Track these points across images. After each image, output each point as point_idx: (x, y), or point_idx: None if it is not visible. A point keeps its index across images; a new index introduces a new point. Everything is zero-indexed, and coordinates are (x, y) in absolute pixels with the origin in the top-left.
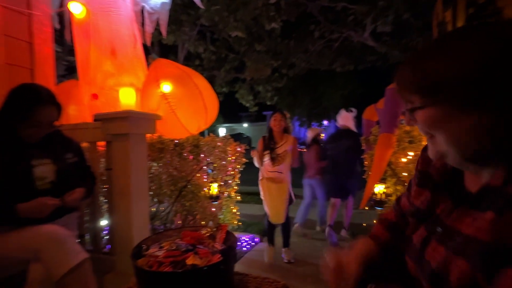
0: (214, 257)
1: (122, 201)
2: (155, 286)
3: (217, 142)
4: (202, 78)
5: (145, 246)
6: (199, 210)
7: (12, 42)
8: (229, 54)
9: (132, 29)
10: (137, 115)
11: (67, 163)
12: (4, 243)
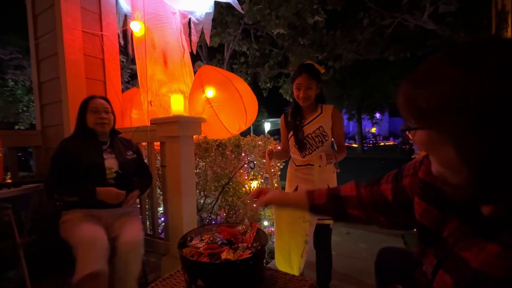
0: (245, 253)
1: (174, 194)
2: (194, 272)
3: (257, 141)
4: (242, 81)
5: (189, 237)
6: (241, 206)
7: (89, 60)
8: (272, 50)
9: (181, 40)
10: (186, 119)
11: (127, 158)
12: (68, 231)
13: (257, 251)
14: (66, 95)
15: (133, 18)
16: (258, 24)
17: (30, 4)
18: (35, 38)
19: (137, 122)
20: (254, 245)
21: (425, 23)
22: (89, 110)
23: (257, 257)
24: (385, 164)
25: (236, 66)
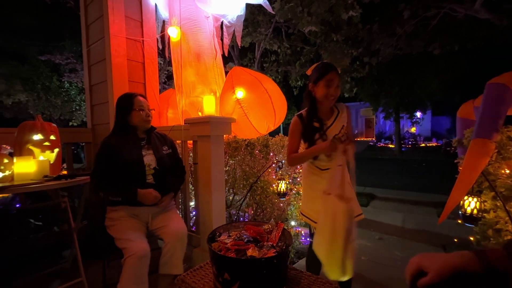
0: (270, 251)
1: (204, 190)
2: (222, 266)
3: (285, 141)
4: (271, 82)
5: (218, 233)
6: (268, 205)
7: (132, 64)
8: (304, 47)
9: (213, 43)
10: (216, 120)
11: (163, 154)
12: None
13: (281, 251)
14: (112, 96)
15: (170, 24)
16: (289, 22)
17: (84, 15)
18: (87, 45)
19: (173, 121)
20: (279, 245)
21: (477, 12)
22: (135, 108)
23: (282, 256)
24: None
25: (267, 64)
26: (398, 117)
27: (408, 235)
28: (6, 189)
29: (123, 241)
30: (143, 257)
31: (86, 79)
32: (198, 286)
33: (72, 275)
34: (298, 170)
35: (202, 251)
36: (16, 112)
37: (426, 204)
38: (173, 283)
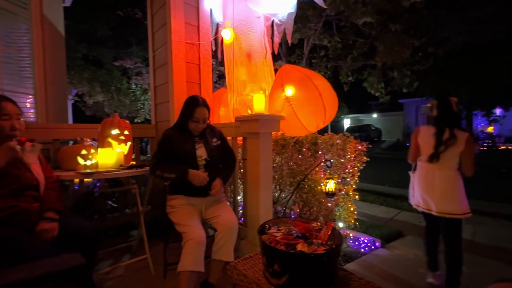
0: (319, 248)
1: (253, 185)
2: (272, 258)
3: (335, 140)
4: (322, 79)
5: (267, 226)
6: (315, 204)
7: (189, 66)
8: (357, 40)
9: (264, 42)
10: (266, 117)
11: (213, 145)
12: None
13: (331, 249)
14: (172, 96)
15: (224, 26)
16: (341, 15)
17: (150, 24)
18: (153, 51)
19: (224, 119)
20: (328, 243)
21: None
22: (193, 120)
23: (331, 255)
24: (505, 173)
25: (316, 60)
26: (471, 114)
27: (478, 249)
28: (93, 174)
29: (182, 226)
30: (201, 242)
31: (151, 81)
32: (249, 273)
33: (138, 252)
34: (348, 170)
35: (249, 243)
36: (95, 111)
37: (502, 216)
38: (224, 268)
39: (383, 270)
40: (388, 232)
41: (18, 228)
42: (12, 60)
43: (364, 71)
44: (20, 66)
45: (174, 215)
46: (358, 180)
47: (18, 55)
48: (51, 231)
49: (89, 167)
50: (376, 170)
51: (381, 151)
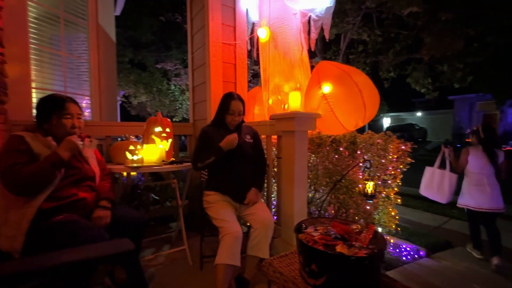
0: (361, 251)
1: (287, 184)
2: (310, 257)
3: (376, 139)
4: (362, 75)
5: (304, 225)
6: (352, 206)
7: (225, 65)
8: (400, 33)
9: (300, 39)
10: (302, 115)
11: (245, 141)
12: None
13: (373, 253)
14: (209, 96)
15: (259, 25)
16: (383, 6)
17: (190, 27)
18: (192, 53)
19: (259, 117)
20: (369, 247)
21: None
22: (229, 112)
23: (374, 259)
24: None
25: (353, 56)
26: None
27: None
28: (140, 168)
29: (219, 220)
30: (238, 237)
31: (190, 81)
32: (285, 271)
33: (176, 243)
34: (389, 171)
35: (282, 242)
36: (139, 110)
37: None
38: (258, 264)
39: (427, 281)
40: (434, 241)
41: (78, 214)
42: (73, 66)
43: (408, 65)
44: (80, 71)
45: (211, 210)
46: (401, 183)
47: (78, 61)
48: (105, 218)
49: (135, 162)
50: (420, 173)
51: (426, 153)
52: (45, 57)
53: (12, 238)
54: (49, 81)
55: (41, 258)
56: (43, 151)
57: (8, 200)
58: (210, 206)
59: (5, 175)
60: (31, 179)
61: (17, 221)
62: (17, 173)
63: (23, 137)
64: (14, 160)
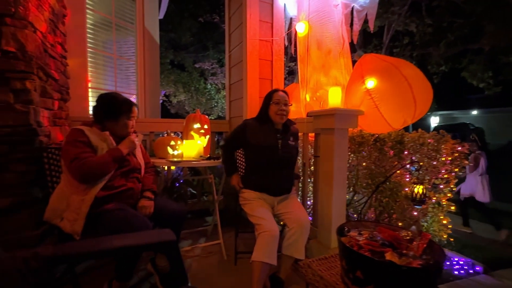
0: (414, 262)
1: (325, 184)
2: (355, 263)
3: (426, 139)
4: (412, 68)
5: (346, 228)
6: (397, 210)
7: (263, 63)
8: (454, 21)
9: (341, 32)
10: (342, 112)
11: (288, 143)
12: (249, 209)
13: (429, 265)
14: (246, 93)
15: (298, 20)
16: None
17: (227, 26)
18: (229, 51)
19: (295, 114)
20: (423, 258)
21: None
22: (273, 102)
23: (431, 272)
24: None
25: (398, 49)
26: None
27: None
28: (180, 162)
29: (256, 218)
30: (274, 236)
31: (227, 79)
32: (325, 275)
33: (212, 236)
34: (441, 175)
35: (318, 243)
36: (178, 109)
37: None
38: (294, 265)
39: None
40: (494, 256)
41: (125, 203)
42: (123, 67)
43: (463, 57)
44: (128, 72)
45: (248, 207)
46: (455, 188)
47: (128, 63)
48: (149, 208)
49: (176, 156)
50: None
51: None
52: (99, 60)
53: (73, 221)
54: (103, 81)
55: (95, 241)
56: (100, 144)
57: (71, 187)
58: (247, 202)
59: (73, 163)
60: (95, 169)
61: (77, 206)
62: (84, 162)
63: (83, 130)
64: (81, 150)
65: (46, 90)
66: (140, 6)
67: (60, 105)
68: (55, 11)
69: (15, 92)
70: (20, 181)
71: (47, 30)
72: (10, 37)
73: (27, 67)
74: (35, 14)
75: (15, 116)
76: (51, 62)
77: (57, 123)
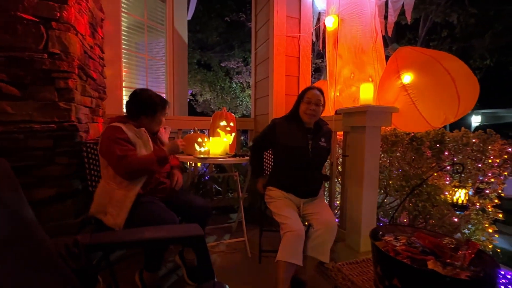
0: (462, 273)
1: (354, 185)
2: (392, 270)
3: (471, 139)
4: (455, 60)
5: (381, 232)
6: (435, 216)
7: (289, 59)
8: (503, 9)
9: (374, 25)
10: (375, 109)
11: (319, 145)
12: (274, 208)
13: (480, 278)
14: (272, 90)
15: (327, 14)
16: None
17: (254, 23)
18: (255, 49)
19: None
20: (471, 269)
21: None
22: (304, 100)
23: (481, 285)
24: None
25: (435, 43)
26: None
27: None
28: (206, 160)
29: (281, 216)
30: (300, 236)
31: (252, 77)
32: (357, 281)
33: (236, 234)
34: (487, 179)
35: (346, 247)
36: (203, 108)
37: None
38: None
39: None
40: None
41: (157, 197)
42: (154, 67)
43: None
44: (159, 72)
45: (273, 205)
46: (504, 195)
47: (159, 63)
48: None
49: (203, 153)
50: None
51: None
52: (132, 60)
53: (116, 216)
54: (135, 81)
55: (129, 232)
56: (137, 141)
57: (113, 183)
58: (273, 201)
59: (120, 161)
60: (141, 168)
61: (120, 201)
62: (131, 160)
63: (121, 127)
64: (125, 147)
65: (86, 89)
66: (170, 8)
67: (97, 103)
68: (94, 15)
69: (59, 91)
70: (64, 173)
71: (87, 32)
72: (56, 40)
73: (70, 67)
74: (76, 17)
75: (59, 113)
76: (90, 63)
77: (95, 120)
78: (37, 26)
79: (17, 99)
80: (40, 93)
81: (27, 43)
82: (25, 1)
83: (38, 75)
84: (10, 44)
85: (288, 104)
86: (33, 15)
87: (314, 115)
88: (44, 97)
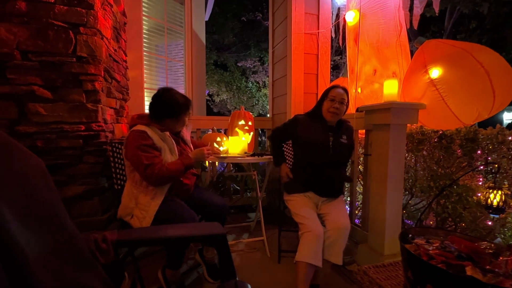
0: (506, 281)
1: (377, 185)
2: (425, 275)
3: (507, 136)
4: (489, 52)
5: (410, 234)
6: (466, 218)
7: (308, 57)
8: None
9: (397, 18)
10: (400, 106)
11: (340, 141)
12: (293, 208)
13: None
14: (290, 89)
15: (347, 9)
16: None
17: (271, 22)
18: (272, 47)
19: None
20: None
21: None
22: (328, 98)
23: None
24: None
25: (462, 35)
26: None
27: None
28: (225, 158)
29: (300, 216)
30: (319, 236)
31: (270, 76)
32: (384, 284)
33: (254, 233)
34: None
35: (368, 249)
36: (220, 108)
37: None
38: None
39: None
40: None
41: (180, 197)
42: (173, 69)
43: None
44: (179, 73)
45: (292, 204)
46: None
47: (178, 64)
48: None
49: (221, 152)
50: None
51: None
52: (153, 62)
53: (142, 219)
54: (156, 82)
55: (152, 229)
56: (161, 144)
57: (139, 187)
58: (291, 200)
59: (148, 170)
60: (169, 176)
61: (146, 205)
62: (159, 171)
63: (146, 132)
64: (151, 154)
65: (111, 90)
66: (189, 10)
67: (121, 104)
68: (118, 19)
69: (86, 93)
70: (91, 171)
71: (112, 36)
72: (83, 44)
73: (96, 70)
74: (102, 22)
75: (87, 114)
76: (115, 66)
77: (119, 120)
78: (66, 31)
79: (49, 101)
80: (70, 95)
81: (58, 48)
82: (56, 8)
83: (68, 78)
84: (42, 49)
85: (306, 102)
86: (63, 21)
87: (337, 114)
88: (73, 99)
